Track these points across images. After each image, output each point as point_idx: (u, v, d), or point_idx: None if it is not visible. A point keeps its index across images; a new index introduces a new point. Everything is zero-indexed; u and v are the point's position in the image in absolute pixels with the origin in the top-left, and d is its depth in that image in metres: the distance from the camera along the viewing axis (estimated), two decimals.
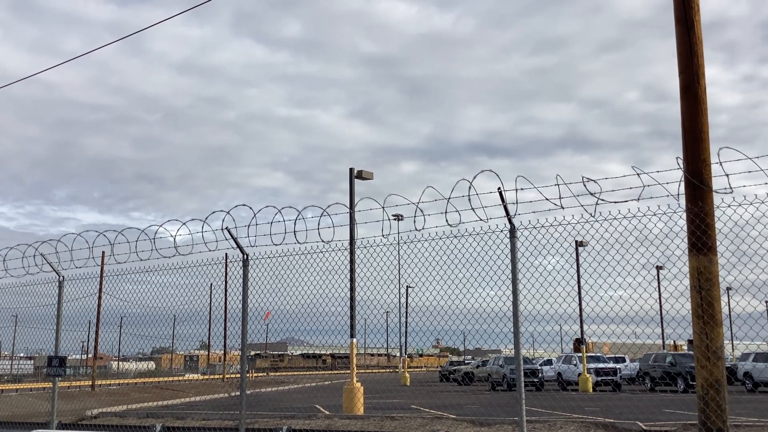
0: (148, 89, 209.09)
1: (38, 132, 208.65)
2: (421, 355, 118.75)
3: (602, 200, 6.81)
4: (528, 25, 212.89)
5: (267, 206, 8.85)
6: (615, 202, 6.83)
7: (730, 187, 6.88)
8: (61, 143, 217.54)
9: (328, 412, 18.61)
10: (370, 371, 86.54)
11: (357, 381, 20.35)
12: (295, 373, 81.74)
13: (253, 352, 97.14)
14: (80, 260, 11.08)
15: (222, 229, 9.57)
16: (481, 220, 7.50)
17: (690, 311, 7.88)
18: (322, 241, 8.71)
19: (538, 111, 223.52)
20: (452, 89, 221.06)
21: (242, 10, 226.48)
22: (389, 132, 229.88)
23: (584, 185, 6.79)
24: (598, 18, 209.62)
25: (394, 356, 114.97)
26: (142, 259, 10.34)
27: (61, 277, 13.05)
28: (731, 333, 48.65)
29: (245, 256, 10.23)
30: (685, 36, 8.11)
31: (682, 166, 7.27)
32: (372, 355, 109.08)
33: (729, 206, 7.74)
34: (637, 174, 6.70)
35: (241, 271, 10.55)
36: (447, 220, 7.56)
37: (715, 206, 7.77)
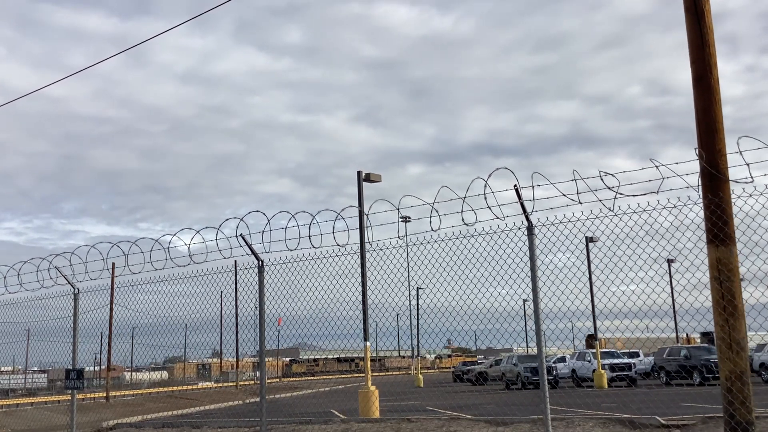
0: (152, 100, 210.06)
1: (45, 146, 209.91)
2: (449, 356, 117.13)
3: (620, 194, 6.74)
4: (528, 24, 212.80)
5: (280, 211, 8.83)
6: (633, 195, 6.77)
7: (752, 177, 6.81)
8: (69, 157, 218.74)
9: (344, 416, 18.54)
10: (384, 374, 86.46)
11: (372, 384, 20.31)
12: (307, 378, 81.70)
13: (288, 358, 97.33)
14: (95, 272, 11.07)
15: (236, 236, 9.53)
16: (497, 218, 7.44)
17: (702, 303, 7.83)
18: (337, 245, 8.68)
19: (541, 109, 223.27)
20: (455, 90, 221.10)
21: (243, 18, 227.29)
22: (394, 135, 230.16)
23: (601, 179, 6.72)
24: (598, 14, 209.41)
25: (424, 357, 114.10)
26: (156, 269, 10.32)
27: (76, 290, 12.98)
28: (744, 324, 48.17)
29: (260, 262, 10.18)
30: (695, 26, 8.04)
31: (702, 156, 7.17)
32: (402, 357, 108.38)
33: (739, 197, 7.68)
34: (656, 166, 6.63)
35: (254, 278, 10.52)
36: (463, 219, 7.51)
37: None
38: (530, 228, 8.00)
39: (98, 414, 26.96)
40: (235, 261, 11.27)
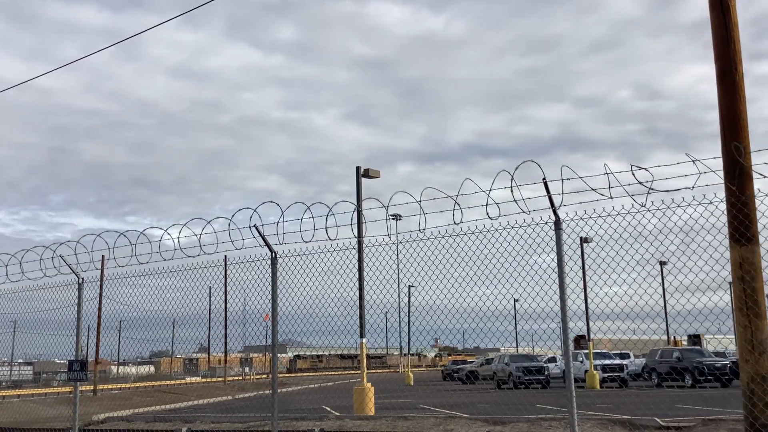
0: (143, 94, 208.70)
1: (34, 138, 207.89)
2: (449, 355, 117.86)
3: (652, 189, 6.59)
4: (520, 26, 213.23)
5: (295, 203, 8.63)
6: (666, 191, 6.62)
7: None
8: (57, 149, 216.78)
9: (338, 414, 18.35)
10: (373, 371, 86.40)
11: (367, 381, 20.16)
12: (295, 375, 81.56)
13: (292, 354, 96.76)
14: (99, 261, 10.83)
15: (249, 227, 9.32)
16: (523, 212, 7.30)
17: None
18: (355, 237, 8.49)
19: (531, 111, 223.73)
20: (446, 90, 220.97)
21: (236, 15, 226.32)
22: (384, 133, 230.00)
23: (633, 174, 6.58)
24: (590, 17, 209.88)
25: (425, 356, 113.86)
26: (165, 259, 10.11)
27: (81, 279, 12.71)
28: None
29: (273, 254, 9.96)
30: (720, 21, 7.91)
31: (740, 151, 7.02)
32: (405, 354, 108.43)
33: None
34: (693, 161, 6.50)
35: (265, 271, 10.30)
36: (488, 213, 7.35)
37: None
38: (558, 223, 7.82)
39: (86, 407, 26.62)
40: (225, 256, 11.05)
